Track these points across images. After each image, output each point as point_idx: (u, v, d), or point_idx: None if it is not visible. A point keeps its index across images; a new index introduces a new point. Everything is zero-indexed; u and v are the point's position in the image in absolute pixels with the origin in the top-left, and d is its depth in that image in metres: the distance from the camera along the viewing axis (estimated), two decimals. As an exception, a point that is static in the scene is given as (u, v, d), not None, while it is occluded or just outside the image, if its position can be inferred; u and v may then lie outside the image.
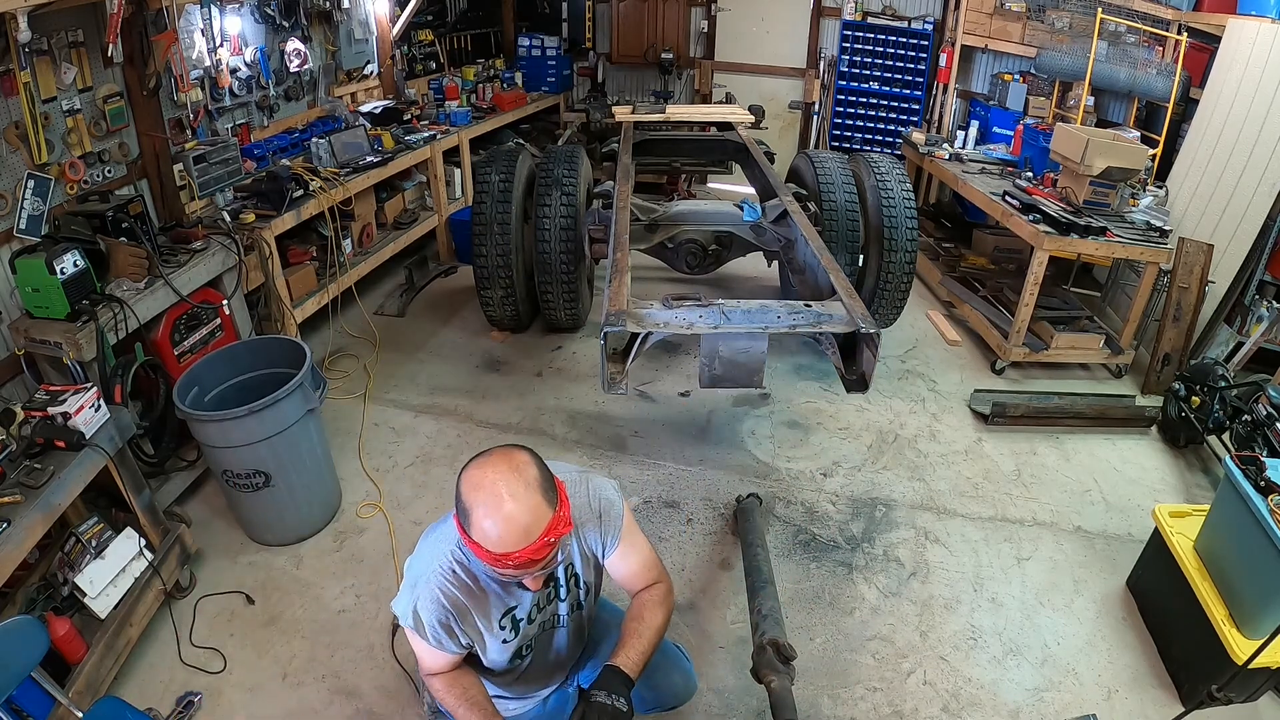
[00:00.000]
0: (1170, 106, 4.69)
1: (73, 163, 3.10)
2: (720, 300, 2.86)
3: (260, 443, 2.71)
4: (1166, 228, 4.10)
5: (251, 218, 3.60)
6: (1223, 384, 3.52)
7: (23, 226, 2.91)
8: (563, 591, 1.70)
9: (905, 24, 6.50)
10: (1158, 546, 2.74)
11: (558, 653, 1.81)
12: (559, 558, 1.48)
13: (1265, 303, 4.07)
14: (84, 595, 2.33)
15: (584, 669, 1.94)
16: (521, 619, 1.63)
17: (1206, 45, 4.59)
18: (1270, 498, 2.25)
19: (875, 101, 6.77)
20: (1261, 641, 2.03)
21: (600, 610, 1.96)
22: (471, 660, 1.68)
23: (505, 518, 1.33)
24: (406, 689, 2.40)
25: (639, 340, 2.75)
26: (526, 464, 1.40)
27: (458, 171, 5.57)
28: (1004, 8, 5.87)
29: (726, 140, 5.35)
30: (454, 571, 1.53)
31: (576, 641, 1.84)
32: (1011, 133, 5.63)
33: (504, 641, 1.62)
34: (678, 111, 5.73)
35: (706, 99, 7.23)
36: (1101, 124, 5.26)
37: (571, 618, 1.76)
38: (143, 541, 2.53)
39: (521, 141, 5.86)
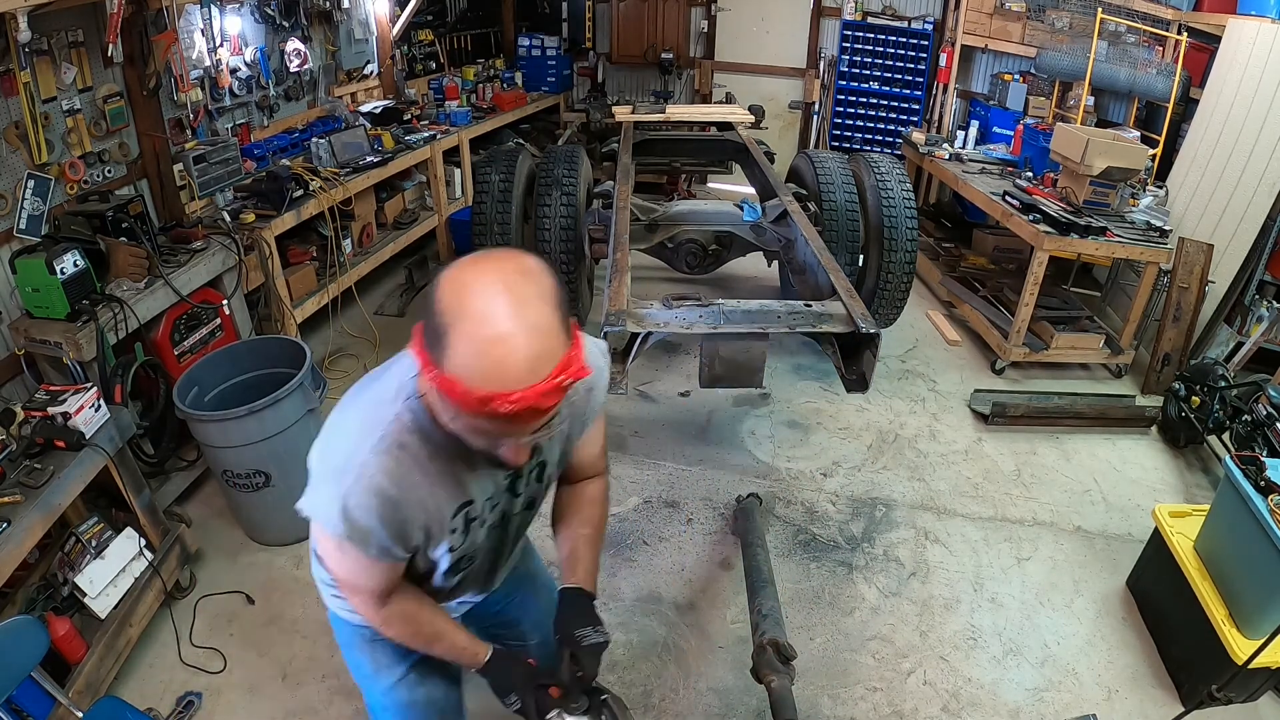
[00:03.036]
0: (1170, 106, 4.69)
1: (73, 163, 3.10)
2: (720, 300, 2.86)
3: (260, 443, 2.71)
4: (1166, 228, 4.10)
5: (251, 218, 3.59)
6: (1223, 384, 3.52)
7: (23, 226, 2.91)
8: (520, 484, 1.27)
9: (905, 24, 6.50)
10: (1158, 546, 2.74)
11: (494, 563, 1.40)
12: (560, 421, 1.05)
13: (1265, 303, 4.07)
14: (84, 595, 2.33)
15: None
16: (475, 518, 1.20)
17: (1206, 45, 4.59)
18: (1270, 498, 2.25)
19: (875, 101, 6.76)
20: (1261, 641, 2.03)
21: None
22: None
23: (505, 339, 0.88)
24: (406, 689, 2.40)
25: (639, 340, 2.75)
26: (538, 270, 0.95)
27: (458, 171, 5.57)
28: (1004, 8, 5.87)
29: (726, 140, 5.34)
30: (401, 446, 1.06)
31: (514, 547, 1.46)
32: (1011, 133, 5.62)
33: (450, 549, 1.20)
34: (678, 111, 5.73)
35: (706, 99, 7.23)
36: (1101, 124, 5.26)
37: (517, 519, 1.35)
38: (143, 541, 2.53)
39: (521, 141, 5.85)
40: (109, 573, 2.40)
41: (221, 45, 3.87)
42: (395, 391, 1.08)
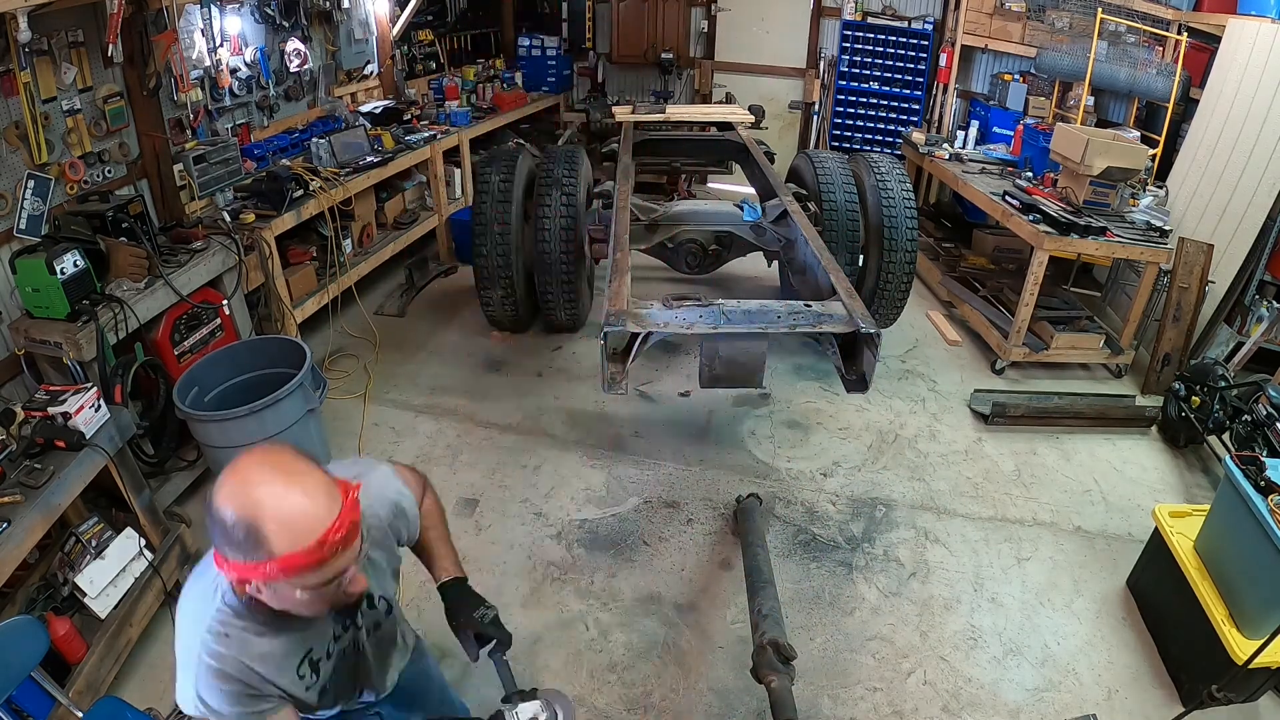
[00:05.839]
0: (1170, 106, 4.69)
1: (73, 163, 3.10)
2: (720, 300, 2.86)
3: (260, 443, 2.70)
4: (1166, 228, 4.10)
5: (251, 218, 3.60)
6: (1223, 384, 3.52)
7: (23, 226, 2.91)
8: (360, 618, 1.45)
9: (905, 24, 6.50)
10: (1158, 546, 2.74)
11: (369, 674, 1.54)
12: (366, 550, 1.27)
13: (1265, 303, 4.07)
14: (84, 595, 2.33)
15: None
16: (319, 658, 1.37)
17: (1206, 45, 4.59)
18: (1270, 498, 2.25)
19: (875, 101, 6.76)
20: (1261, 641, 2.03)
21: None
22: None
23: (302, 499, 1.11)
24: (406, 689, 2.40)
25: (639, 340, 2.75)
26: (272, 450, 1.19)
27: (458, 171, 5.57)
28: (1004, 8, 5.87)
29: (726, 140, 5.34)
30: (225, 635, 1.23)
31: (387, 656, 1.57)
32: (1011, 133, 5.62)
33: (307, 688, 1.36)
34: (678, 111, 5.73)
35: (706, 99, 7.23)
36: (1101, 124, 5.26)
37: (372, 638, 1.50)
38: (143, 541, 2.53)
39: (521, 141, 5.86)
40: (109, 573, 2.40)
41: (221, 45, 3.87)
42: (212, 591, 1.25)
